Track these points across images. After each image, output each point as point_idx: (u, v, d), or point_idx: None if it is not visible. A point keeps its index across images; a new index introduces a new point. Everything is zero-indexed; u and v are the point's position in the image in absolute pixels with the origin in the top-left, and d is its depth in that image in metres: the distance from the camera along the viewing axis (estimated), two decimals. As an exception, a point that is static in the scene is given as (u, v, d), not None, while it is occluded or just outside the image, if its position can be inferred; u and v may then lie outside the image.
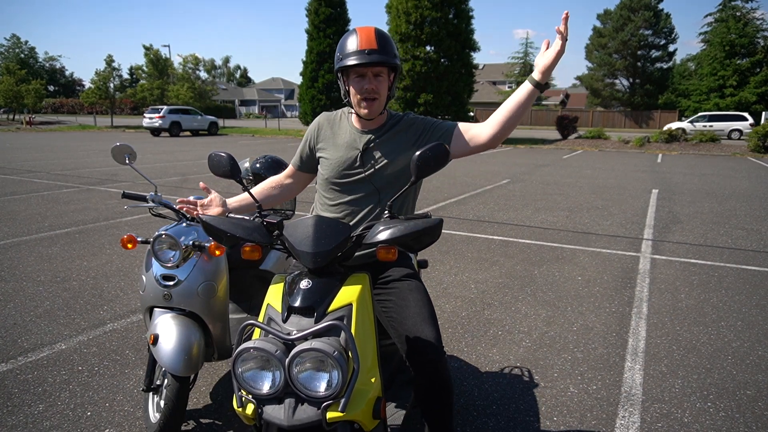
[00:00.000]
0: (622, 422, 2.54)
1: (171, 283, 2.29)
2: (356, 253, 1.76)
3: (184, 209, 2.02)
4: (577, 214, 7.66)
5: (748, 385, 2.89)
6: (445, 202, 8.65)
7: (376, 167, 1.95)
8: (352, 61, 1.80)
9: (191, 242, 2.31)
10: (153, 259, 2.33)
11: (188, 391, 2.26)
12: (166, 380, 2.22)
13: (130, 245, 2.33)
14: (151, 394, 2.38)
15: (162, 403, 2.24)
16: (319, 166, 2.07)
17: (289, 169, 2.18)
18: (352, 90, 1.88)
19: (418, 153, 1.63)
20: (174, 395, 2.17)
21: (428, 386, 1.83)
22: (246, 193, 1.97)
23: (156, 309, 2.35)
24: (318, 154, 2.06)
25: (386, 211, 1.67)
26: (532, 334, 3.55)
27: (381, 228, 1.59)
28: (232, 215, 1.81)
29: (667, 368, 3.08)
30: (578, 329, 3.63)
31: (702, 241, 6.09)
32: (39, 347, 3.23)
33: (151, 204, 2.50)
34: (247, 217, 1.76)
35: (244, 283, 2.96)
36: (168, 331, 2.22)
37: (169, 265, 2.29)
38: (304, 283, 1.59)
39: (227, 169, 1.84)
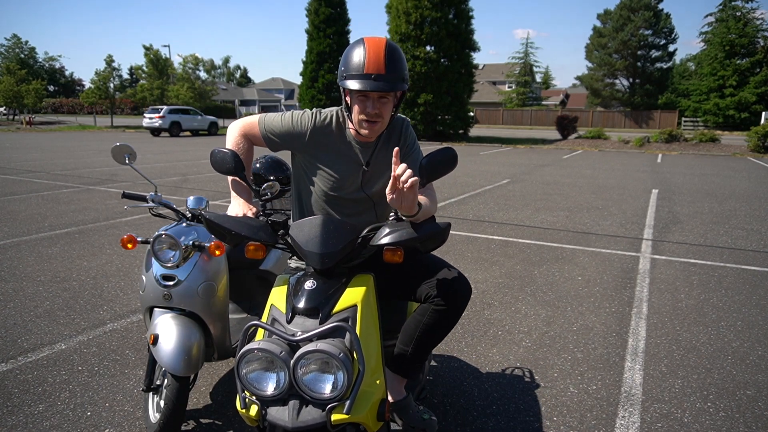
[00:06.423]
0: (622, 422, 2.54)
1: (171, 283, 2.29)
2: (361, 254, 1.74)
3: None
4: (577, 214, 7.66)
5: (748, 385, 2.89)
6: (445, 202, 8.65)
7: (376, 183, 1.88)
8: (355, 85, 1.66)
9: (191, 242, 2.31)
10: (153, 259, 2.33)
11: (188, 391, 2.26)
12: (166, 380, 2.22)
13: (130, 245, 2.33)
14: (151, 394, 2.38)
15: (162, 403, 2.24)
16: (315, 179, 1.92)
17: (257, 131, 1.89)
18: (354, 108, 1.76)
19: (426, 158, 1.61)
20: (174, 395, 2.17)
21: (448, 314, 1.84)
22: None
23: (156, 309, 2.35)
24: (312, 160, 1.91)
25: (392, 214, 1.65)
26: (532, 334, 3.55)
27: (388, 230, 1.57)
28: (232, 214, 1.75)
29: (667, 368, 3.08)
30: (578, 329, 3.63)
31: (702, 241, 6.09)
32: (39, 347, 3.23)
33: (151, 204, 2.49)
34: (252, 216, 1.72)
35: (244, 283, 2.96)
36: (168, 331, 2.22)
37: (169, 265, 2.29)
38: (309, 284, 1.57)
39: (231, 167, 1.76)
